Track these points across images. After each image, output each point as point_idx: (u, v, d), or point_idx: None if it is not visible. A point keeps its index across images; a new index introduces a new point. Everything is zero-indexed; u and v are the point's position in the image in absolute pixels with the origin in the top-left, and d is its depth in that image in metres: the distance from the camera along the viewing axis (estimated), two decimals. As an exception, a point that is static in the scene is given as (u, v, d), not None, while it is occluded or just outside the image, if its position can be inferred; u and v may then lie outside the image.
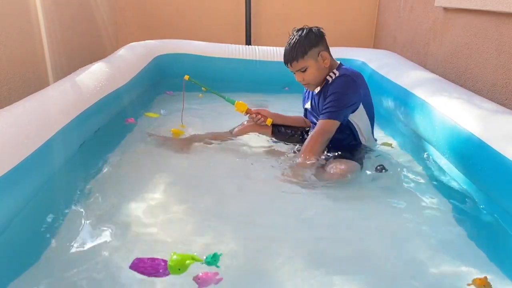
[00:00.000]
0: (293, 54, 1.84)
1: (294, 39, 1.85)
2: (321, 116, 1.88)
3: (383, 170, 1.80)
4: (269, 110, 2.19)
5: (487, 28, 2.31)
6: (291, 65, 1.87)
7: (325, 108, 1.86)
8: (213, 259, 1.20)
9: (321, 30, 1.90)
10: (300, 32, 1.86)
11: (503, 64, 2.17)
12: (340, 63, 1.96)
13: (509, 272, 1.27)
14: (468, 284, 1.21)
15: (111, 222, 1.45)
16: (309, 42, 1.84)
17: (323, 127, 1.86)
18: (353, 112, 1.89)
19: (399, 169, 1.95)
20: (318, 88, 1.97)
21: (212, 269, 1.18)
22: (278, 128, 2.17)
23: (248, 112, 2.12)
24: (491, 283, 1.20)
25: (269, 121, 2.10)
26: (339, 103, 1.83)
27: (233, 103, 2.12)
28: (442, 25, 2.84)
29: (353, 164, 1.83)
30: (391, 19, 3.88)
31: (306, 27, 1.89)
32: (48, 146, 1.59)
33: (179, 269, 1.12)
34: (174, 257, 1.15)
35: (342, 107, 1.85)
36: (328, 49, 1.92)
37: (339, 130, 1.89)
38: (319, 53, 1.86)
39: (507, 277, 1.26)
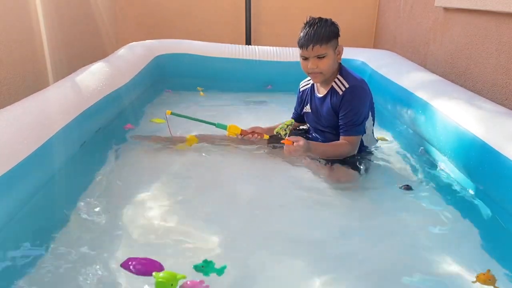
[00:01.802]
0: (318, 37, 1.76)
1: (320, 24, 1.78)
2: (345, 131, 1.85)
3: (409, 189, 1.77)
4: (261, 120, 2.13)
5: (487, 28, 2.31)
6: (312, 48, 1.77)
7: (347, 125, 1.84)
8: (201, 267, 1.17)
9: None
10: (323, 20, 1.82)
11: (503, 64, 2.17)
12: (341, 65, 1.93)
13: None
14: (473, 282, 1.21)
15: (110, 223, 1.45)
16: (333, 31, 1.81)
17: (353, 144, 1.86)
18: None
19: (398, 169, 1.95)
20: (323, 92, 1.93)
21: (199, 276, 1.16)
22: (273, 140, 2.12)
23: (242, 133, 2.04)
24: (495, 277, 1.21)
25: (266, 136, 2.04)
26: (359, 117, 1.83)
27: (225, 128, 2.02)
28: (442, 25, 2.84)
29: (352, 174, 1.83)
30: (391, 19, 3.88)
31: (327, 18, 1.85)
32: (49, 146, 1.59)
33: (172, 285, 1.08)
34: (161, 274, 1.10)
35: (363, 120, 1.86)
36: None
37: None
38: (336, 46, 1.84)
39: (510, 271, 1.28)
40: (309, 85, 2.06)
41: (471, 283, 1.21)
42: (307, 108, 2.05)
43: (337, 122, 1.90)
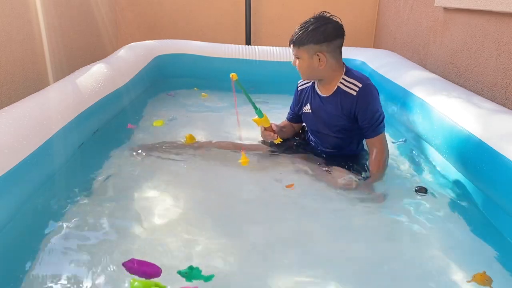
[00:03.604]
0: (296, 38, 1.77)
1: (307, 25, 1.76)
2: (371, 133, 1.82)
3: (423, 192, 1.75)
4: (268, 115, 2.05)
5: (487, 28, 2.31)
6: (290, 46, 1.82)
7: (372, 125, 1.81)
8: (185, 273, 1.16)
9: (338, 28, 1.79)
10: (317, 22, 1.75)
11: (503, 64, 2.17)
12: (346, 66, 1.89)
13: (507, 267, 1.31)
14: (468, 281, 1.21)
15: (108, 224, 1.45)
16: (312, 36, 1.74)
17: (383, 143, 1.84)
18: None
19: (397, 169, 1.95)
20: (328, 92, 1.87)
21: (194, 282, 1.16)
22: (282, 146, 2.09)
23: (267, 129, 2.01)
24: (492, 278, 1.22)
25: (278, 140, 2.03)
26: (380, 115, 1.83)
27: (261, 116, 1.98)
28: (442, 25, 2.84)
29: (352, 179, 1.80)
30: (391, 19, 3.88)
31: (329, 18, 1.78)
32: (47, 147, 1.59)
33: None
34: (136, 283, 1.09)
35: (384, 117, 1.85)
36: (337, 50, 1.82)
37: (345, 136, 1.89)
38: (316, 53, 1.76)
39: (506, 271, 1.29)
40: (310, 84, 1.98)
41: (467, 283, 1.21)
42: (307, 108, 1.98)
43: (342, 124, 1.85)
